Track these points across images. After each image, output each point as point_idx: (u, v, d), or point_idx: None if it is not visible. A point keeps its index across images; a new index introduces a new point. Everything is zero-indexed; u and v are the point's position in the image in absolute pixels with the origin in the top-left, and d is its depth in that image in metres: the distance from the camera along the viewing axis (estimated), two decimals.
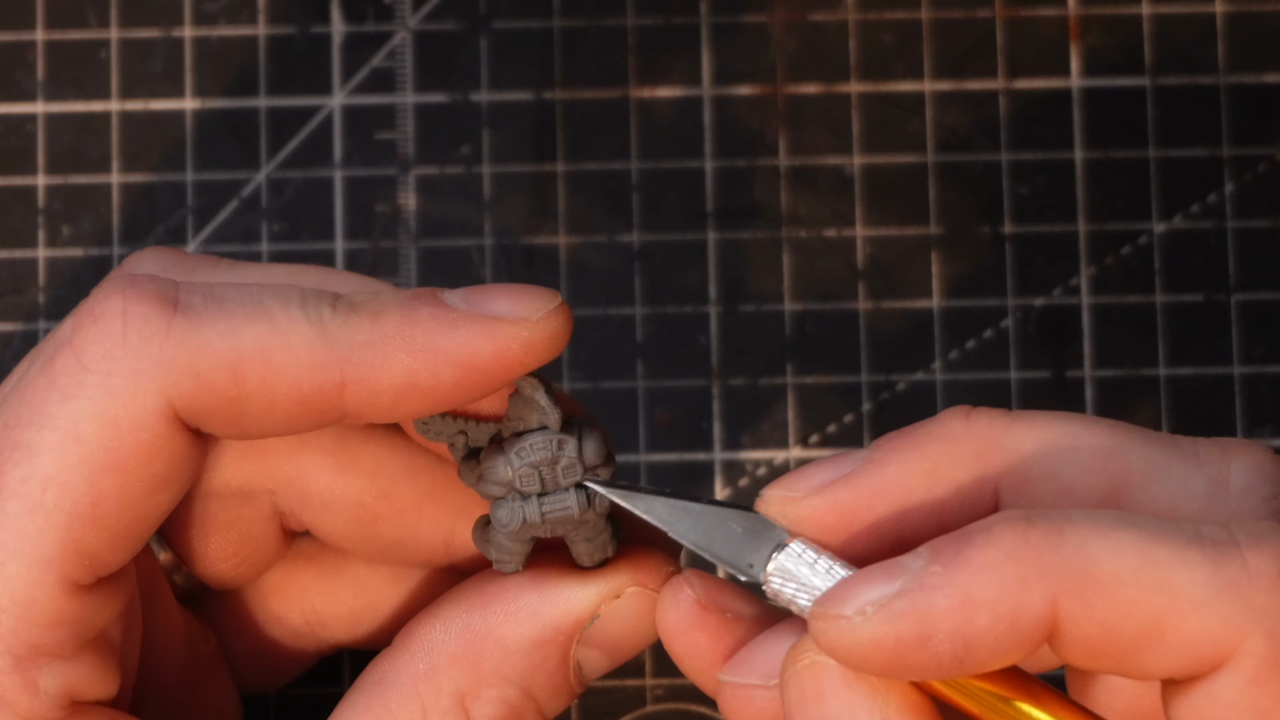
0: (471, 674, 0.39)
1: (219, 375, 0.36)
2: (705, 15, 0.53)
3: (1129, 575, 0.32)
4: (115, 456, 0.36)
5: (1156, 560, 0.32)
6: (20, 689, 0.36)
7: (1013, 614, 0.32)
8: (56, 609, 0.36)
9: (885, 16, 0.53)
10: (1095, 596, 0.32)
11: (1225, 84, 0.53)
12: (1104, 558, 0.32)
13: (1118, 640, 0.33)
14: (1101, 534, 0.33)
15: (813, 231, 0.53)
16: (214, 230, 0.53)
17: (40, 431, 0.36)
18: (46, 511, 0.36)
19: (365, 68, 0.53)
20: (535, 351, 0.37)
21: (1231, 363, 0.52)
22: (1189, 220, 0.53)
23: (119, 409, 0.36)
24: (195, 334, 0.36)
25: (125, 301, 0.36)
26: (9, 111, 0.53)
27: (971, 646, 0.33)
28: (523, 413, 0.39)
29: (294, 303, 0.37)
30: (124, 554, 0.37)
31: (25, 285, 0.53)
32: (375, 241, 0.53)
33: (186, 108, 0.53)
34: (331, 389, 0.36)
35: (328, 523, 0.42)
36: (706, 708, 0.51)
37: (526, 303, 0.37)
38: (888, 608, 0.33)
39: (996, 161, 0.53)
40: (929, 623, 0.33)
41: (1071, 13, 0.53)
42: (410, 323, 0.37)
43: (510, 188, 0.53)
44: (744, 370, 0.52)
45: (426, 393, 0.37)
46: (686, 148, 0.53)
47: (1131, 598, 0.32)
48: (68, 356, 0.36)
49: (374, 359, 0.36)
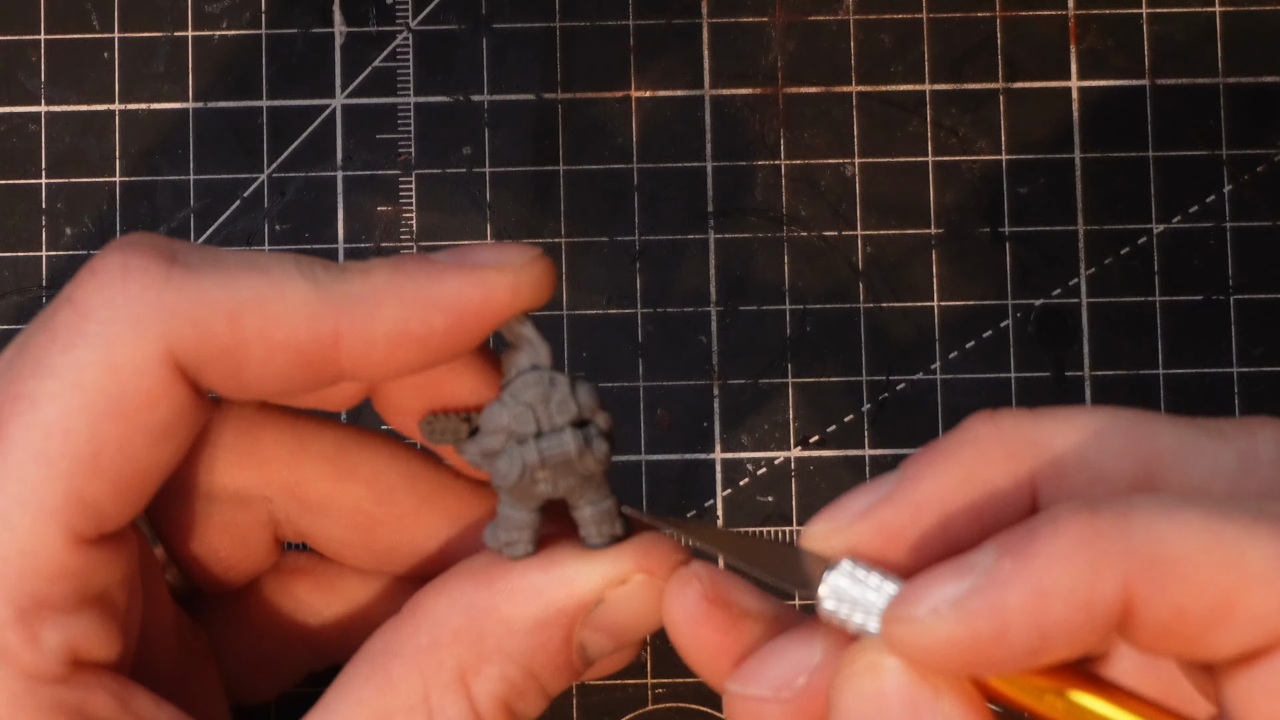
0: (474, 650, 0.39)
1: (217, 323, 0.36)
2: (705, 15, 0.53)
3: (1199, 555, 0.32)
4: (116, 403, 0.36)
5: (1224, 539, 0.32)
6: (23, 642, 0.36)
7: (1087, 601, 0.32)
8: (60, 561, 0.36)
9: (885, 16, 0.53)
10: (1166, 578, 0.32)
11: (1225, 84, 0.53)
12: (1172, 539, 0.32)
13: (1190, 621, 0.33)
14: (1168, 516, 0.33)
15: (813, 231, 0.53)
16: (216, 230, 0.53)
17: (42, 381, 0.36)
18: (50, 459, 0.36)
19: (367, 68, 0.53)
20: (521, 294, 0.38)
21: (1230, 363, 0.52)
22: (1188, 220, 0.53)
23: (120, 355, 0.36)
24: (193, 283, 0.36)
25: (124, 255, 0.37)
26: (12, 112, 0.53)
27: (1047, 638, 0.33)
28: (514, 360, 0.39)
29: (288, 261, 0.37)
30: (126, 507, 0.37)
31: (28, 285, 0.53)
32: (376, 241, 0.53)
33: (188, 108, 0.53)
34: (327, 339, 0.37)
35: (325, 529, 0.42)
36: (707, 708, 0.51)
37: (510, 253, 0.38)
38: (962, 605, 0.33)
39: (997, 161, 0.53)
40: (1004, 617, 0.32)
41: (1071, 13, 0.53)
42: (401, 274, 0.37)
43: (510, 188, 0.53)
44: (744, 370, 0.52)
45: (420, 340, 0.37)
46: (686, 148, 0.53)
47: (1203, 577, 0.32)
48: (68, 310, 0.37)
49: (367, 308, 0.37)
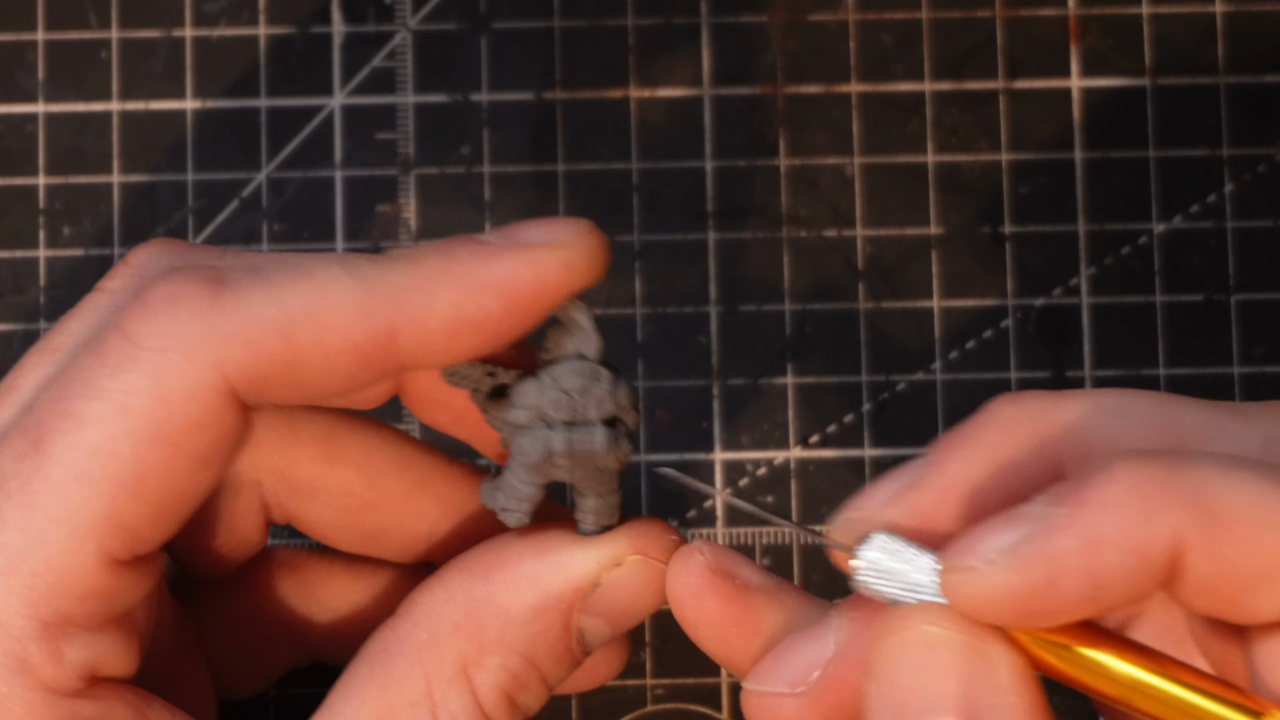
0: (474, 642, 0.39)
1: (271, 340, 0.36)
2: (705, 15, 0.53)
3: (1249, 512, 0.32)
4: (163, 429, 0.36)
5: (1276, 499, 0.32)
6: (45, 656, 0.36)
7: (1140, 548, 0.32)
8: (91, 580, 0.36)
9: (885, 16, 0.53)
10: (1218, 531, 0.32)
11: (1225, 84, 0.53)
12: (1224, 494, 0.32)
13: (1236, 578, 0.33)
14: (1221, 472, 0.33)
15: (813, 231, 0.53)
16: (214, 230, 0.53)
17: (90, 402, 0.36)
18: (92, 480, 0.36)
19: (366, 68, 0.53)
20: (575, 272, 0.37)
21: (1231, 363, 0.52)
22: (1189, 220, 0.53)
23: (171, 382, 0.36)
24: (243, 304, 0.36)
25: (172, 285, 0.37)
26: (10, 111, 0.53)
27: (1102, 585, 0.33)
28: (561, 341, 0.39)
29: (332, 262, 0.37)
30: (162, 532, 0.37)
31: (26, 285, 0.53)
32: (376, 242, 0.53)
33: (187, 108, 0.53)
34: (383, 335, 0.37)
35: (314, 511, 0.42)
36: (706, 708, 0.51)
37: (561, 229, 0.38)
38: (1016, 553, 0.33)
39: (996, 161, 0.53)
40: (1058, 564, 0.32)
41: (1071, 13, 0.53)
42: (450, 260, 0.37)
43: (510, 188, 0.53)
44: (744, 370, 0.52)
45: (477, 325, 0.37)
46: (686, 148, 0.53)
47: (1253, 535, 0.32)
48: (117, 337, 0.36)
49: (420, 299, 0.37)
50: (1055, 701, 0.51)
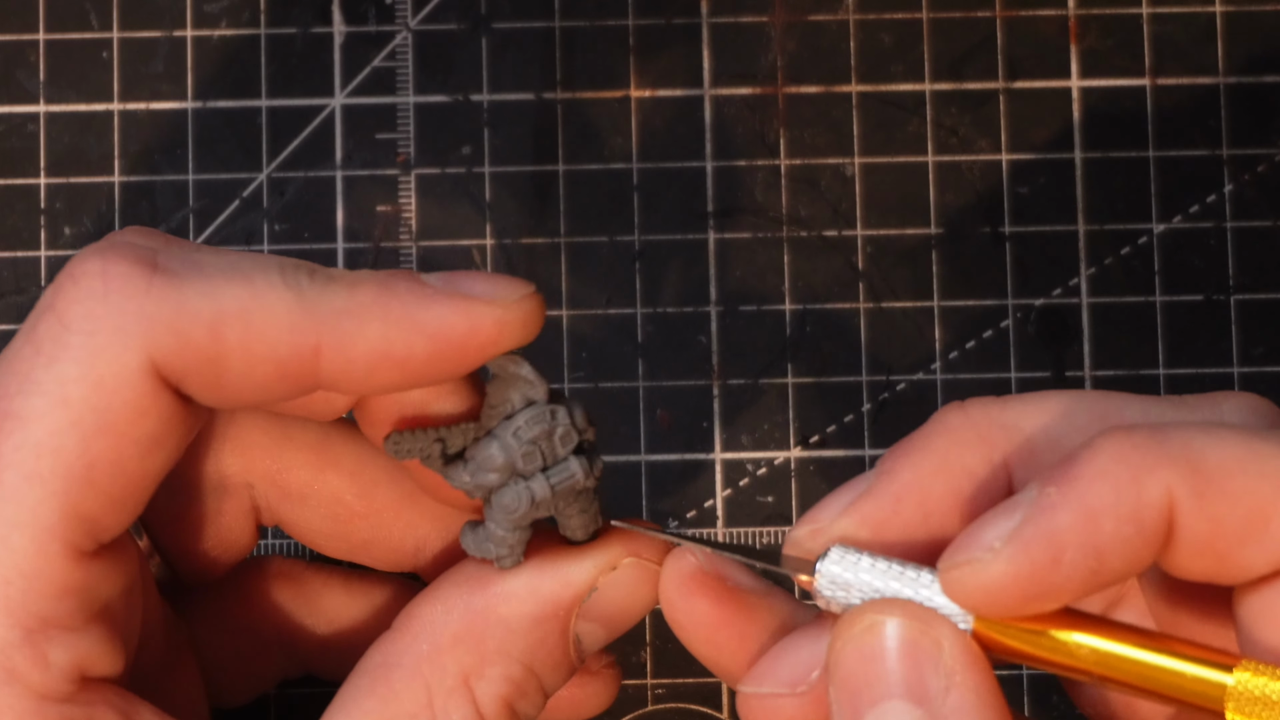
0: (475, 653, 0.39)
1: (199, 333, 0.36)
2: (705, 15, 0.53)
3: (1235, 465, 0.33)
4: (104, 417, 0.36)
5: (1259, 452, 0.33)
6: (31, 662, 0.36)
7: (1135, 513, 0.33)
8: (63, 577, 0.36)
9: (885, 16, 0.53)
10: (1206, 485, 0.33)
11: (1225, 84, 0.53)
12: (1209, 450, 0.33)
13: (1226, 533, 0.33)
14: (1204, 432, 0.33)
15: (813, 231, 0.53)
16: (215, 230, 0.53)
17: (29, 399, 0.36)
18: (43, 478, 0.36)
19: (366, 68, 0.53)
20: (508, 331, 0.37)
21: (1231, 363, 0.52)
22: (1189, 220, 0.53)
23: (103, 368, 0.36)
24: (175, 292, 0.36)
25: (104, 262, 0.36)
26: (11, 112, 0.53)
27: (1103, 555, 0.33)
28: (505, 395, 0.39)
29: (272, 269, 0.37)
30: (122, 517, 0.37)
31: (27, 285, 0.53)
32: (376, 241, 0.53)
33: (187, 108, 0.53)
34: (307, 353, 0.37)
35: (304, 518, 0.42)
36: (707, 708, 0.51)
37: (501, 287, 0.38)
38: (1015, 538, 0.33)
39: (996, 161, 0.53)
40: (1058, 541, 0.33)
41: (1071, 13, 0.53)
42: (387, 293, 0.37)
43: (510, 188, 0.53)
44: (744, 370, 0.52)
45: (400, 363, 0.37)
46: (686, 148, 0.53)
47: (1240, 486, 0.33)
48: (50, 320, 0.36)
49: (350, 325, 0.37)
50: (1055, 700, 0.51)
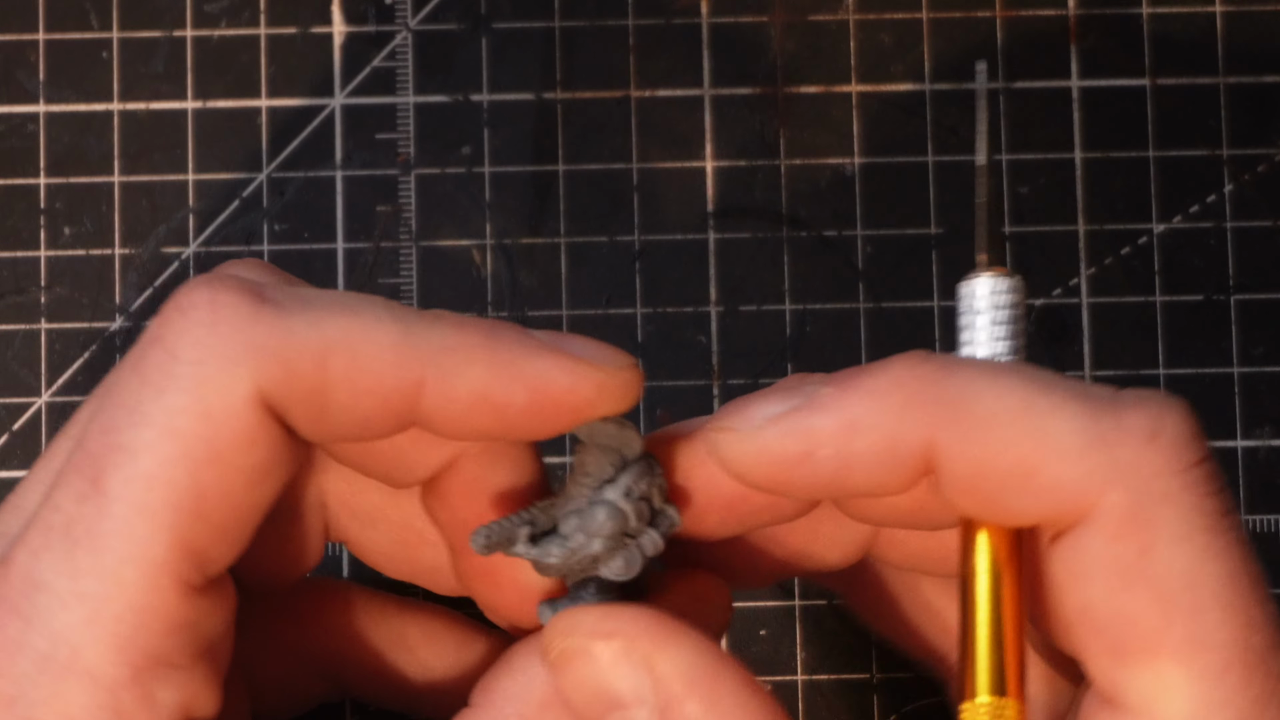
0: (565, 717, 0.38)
1: (306, 363, 0.36)
2: (705, 15, 0.53)
3: (1005, 417, 0.34)
4: (213, 448, 0.36)
5: (1034, 408, 0.34)
6: (138, 702, 0.36)
7: (890, 440, 0.34)
8: (172, 613, 0.36)
9: (885, 16, 0.53)
10: (970, 432, 0.34)
11: (1225, 84, 0.53)
12: (985, 399, 0.34)
13: (989, 479, 0.34)
14: (988, 377, 0.34)
15: (813, 231, 0.53)
16: (215, 230, 0.53)
17: (138, 430, 0.36)
18: (154, 511, 0.35)
19: (366, 68, 0.53)
20: (607, 397, 0.37)
21: (1231, 363, 0.52)
22: (1189, 220, 0.53)
23: (212, 398, 0.36)
24: (282, 322, 0.36)
25: (212, 293, 0.36)
26: (10, 112, 0.53)
27: (850, 468, 0.35)
28: (599, 459, 0.39)
29: (379, 303, 0.37)
30: (230, 550, 0.37)
31: (26, 285, 0.53)
32: (376, 241, 0.53)
33: (187, 108, 0.53)
34: (410, 388, 0.36)
35: (371, 539, 0.42)
36: None
37: (606, 354, 0.38)
38: (777, 423, 0.35)
39: (997, 161, 0.53)
40: (813, 440, 0.35)
41: (1071, 13, 0.53)
42: (493, 338, 0.37)
43: (510, 188, 0.53)
44: (744, 370, 0.52)
45: (498, 410, 0.37)
46: (686, 148, 0.53)
47: (1004, 438, 0.34)
48: (157, 351, 0.36)
49: (454, 363, 0.36)
50: None
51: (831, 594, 0.52)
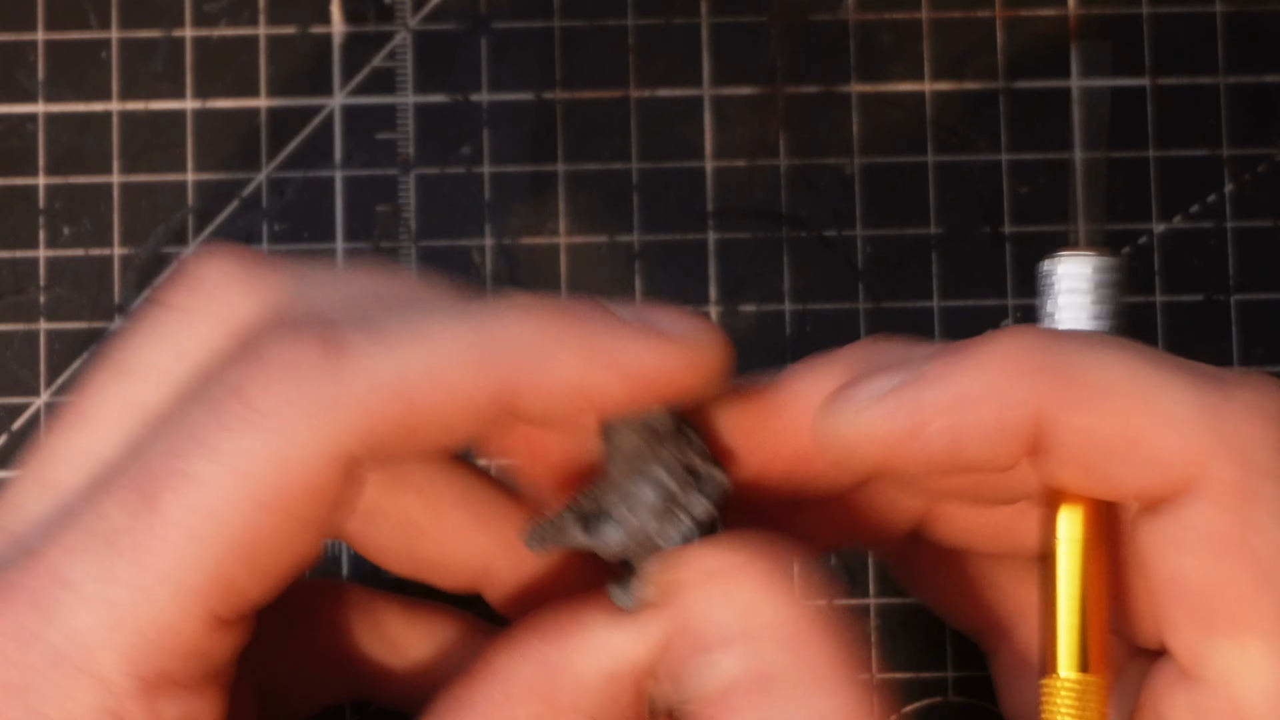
0: (547, 705, 0.38)
1: (391, 406, 0.35)
2: (705, 15, 0.53)
3: (1114, 387, 0.34)
4: (280, 495, 0.35)
5: (1143, 379, 0.34)
6: (142, 713, 0.36)
7: (1000, 412, 0.34)
8: (194, 641, 0.36)
9: (885, 16, 0.53)
10: (1077, 400, 0.34)
11: (1225, 84, 0.53)
12: (1093, 370, 0.34)
13: (1097, 449, 0.34)
14: (1095, 350, 0.34)
15: (813, 231, 0.53)
16: (214, 230, 0.53)
17: (206, 464, 0.35)
18: (205, 542, 0.35)
19: (365, 68, 0.53)
20: (698, 376, 0.37)
21: (1231, 363, 0.52)
22: (1189, 220, 0.53)
23: (290, 450, 0.35)
24: (363, 371, 0.36)
25: (289, 350, 0.36)
26: (9, 111, 0.53)
27: (961, 441, 0.34)
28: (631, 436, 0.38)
29: (451, 314, 0.36)
30: (268, 594, 0.37)
31: (26, 285, 0.53)
32: (375, 241, 0.53)
33: (187, 108, 0.53)
34: (503, 395, 0.36)
35: (372, 535, 0.42)
36: None
37: (695, 328, 0.37)
38: (886, 399, 0.34)
39: (996, 161, 0.53)
40: (923, 414, 0.34)
41: (1071, 13, 0.53)
42: (579, 325, 0.36)
43: (510, 188, 0.53)
44: (744, 370, 0.52)
45: (594, 400, 0.36)
46: (686, 148, 0.53)
47: (1111, 406, 0.34)
48: (233, 400, 0.36)
49: (542, 360, 0.36)
50: None
51: (831, 594, 0.52)
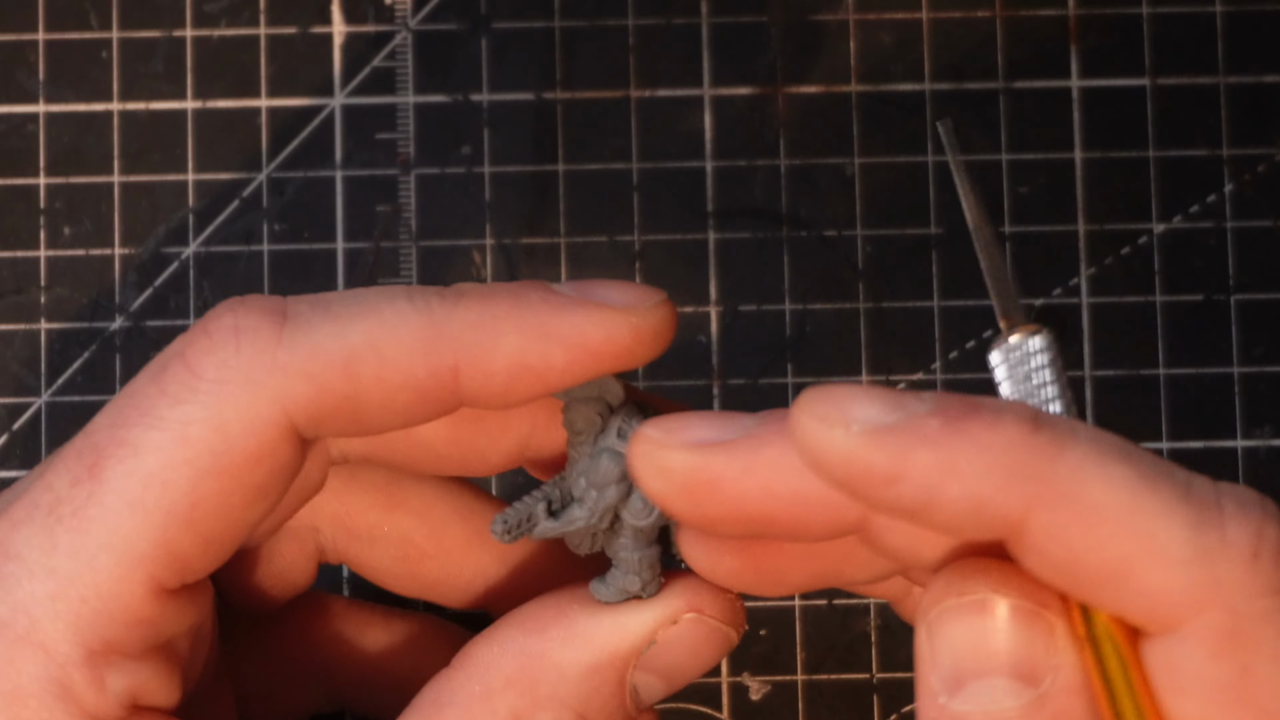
0: (527, 697, 0.39)
1: (332, 375, 0.36)
2: (705, 15, 0.53)
3: (1112, 514, 0.32)
4: (221, 460, 0.36)
5: (1143, 508, 0.32)
6: (88, 683, 0.36)
7: (982, 500, 0.32)
8: (138, 608, 0.36)
9: (885, 16, 0.53)
10: (1073, 521, 0.32)
11: (1225, 84, 0.53)
12: (1094, 488, 0.32)
13: (1085, 569, 0.32)
14: (1100, 464, 0.32)
15: (813, 231, 0.53)
16: (215, 230, 0.53)
17: (148, 431, 0.36)
18: (146, 509, 0.36)
19: (366, 68, 0.53)
20: (642, 340, 0.37)
21: (1231, 362, 0.52)
22: (1189, 220, 0.53)
23: (231, 414, 0.36)
24: (306, 339, 0.36)
25: (236, 317, 0.36)
26: (10, 112, 0.53)
27: (931, 508, 0.32)
28: (586, 413, 0.39)
29: (399, 296, 0.37)
30: (212, 561, 0.37)
31: (26, 285, 0.53)
32: (376, 241, 0.53)
33: (187, 108, 0.53)
34: (445, 373, 0.36)
35: (373, 558, 0.42)
36: (707, 708, 0.51)
37: (636, 294, 0.37)
38: (875, 435, 0.32)
39: (997, 161, 0.53)
40: (904, 468, 0.32)
41: (1071, 13, 0.53)
42: (521, 304, 0.37)
43: (510, 188, 0.53)
44: (744, 370, 0.52)
45: (539, 374, 0.37)
46: (686, 148, 0.53)
47: (1108, 534, 0.32)
48: (179, 367, 0.36)
49: (485, 339, 0.36)
50: None
51: (831, 594, 0.52)
